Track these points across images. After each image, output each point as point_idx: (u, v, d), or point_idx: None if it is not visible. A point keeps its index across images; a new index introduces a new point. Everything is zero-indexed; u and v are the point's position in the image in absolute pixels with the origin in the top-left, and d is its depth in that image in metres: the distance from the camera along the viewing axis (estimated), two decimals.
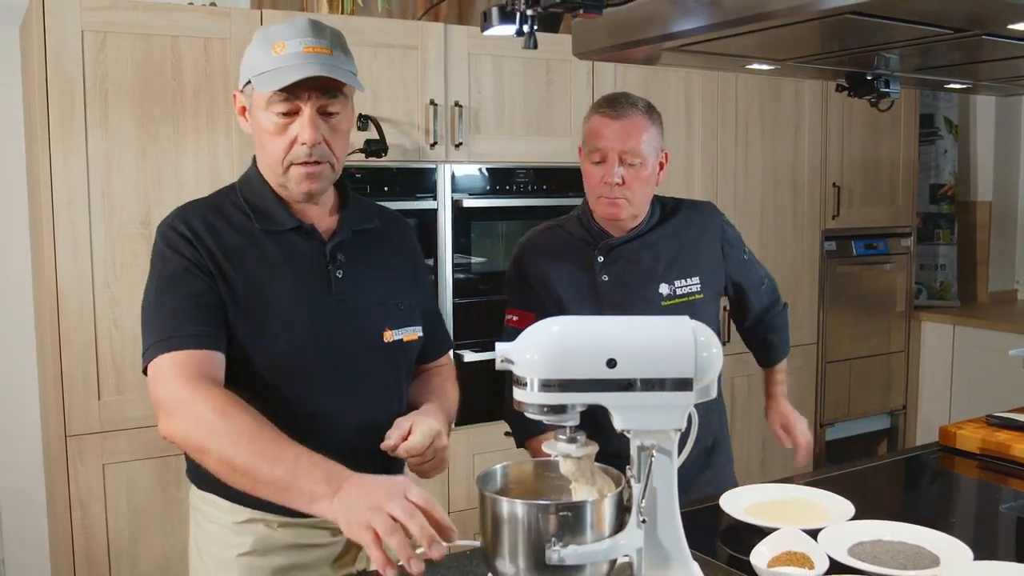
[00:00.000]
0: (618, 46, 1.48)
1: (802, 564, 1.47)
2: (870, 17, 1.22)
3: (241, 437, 1.39)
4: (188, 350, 1.47)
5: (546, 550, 1.27)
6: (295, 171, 1.56)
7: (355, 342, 1.63)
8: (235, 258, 1.57)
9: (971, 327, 4.30)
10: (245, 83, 1.58)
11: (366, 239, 1.70)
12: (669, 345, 1.34)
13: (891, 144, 4.34)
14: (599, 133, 2.02)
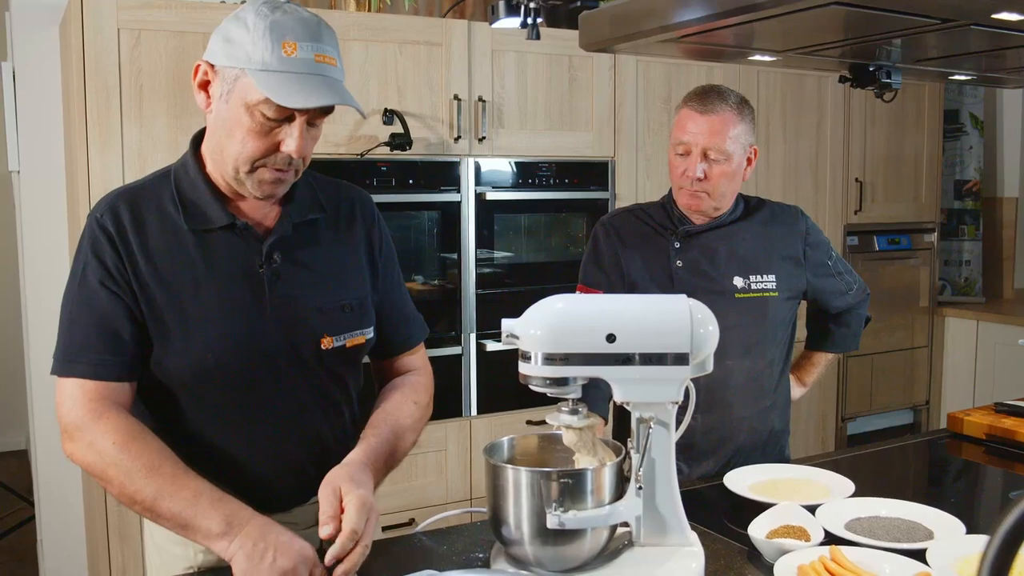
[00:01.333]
0: (621, 37, 1.53)
1: (799, 537, 1.52)
2: (855, 7, 1.27)
3: (140, 473, 1.36)
4: (83, 379, 1.43)
5: (547, 514, 1.34)
6: (264, 173, 1.44)
7: (290, 351, 1.52)
8: (158, 262, 1.47)
9: (995, 323, 4.30)
10: (231, 67, 1.39)
11: (310, 231, 1.57)
12: (666, 321, 1.40)
13: (915, 139, 4.35)
14: (685, 126, 2.03)
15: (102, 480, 1.41)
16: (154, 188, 1.52)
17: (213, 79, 1.43)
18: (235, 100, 1.40)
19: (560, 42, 3.38)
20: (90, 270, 1.45)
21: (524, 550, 1.40)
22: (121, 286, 1.45)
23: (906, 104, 4.27)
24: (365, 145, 3.05)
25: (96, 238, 1.46)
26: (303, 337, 1.53)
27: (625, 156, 3.57)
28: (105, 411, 1.41)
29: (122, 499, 1.40)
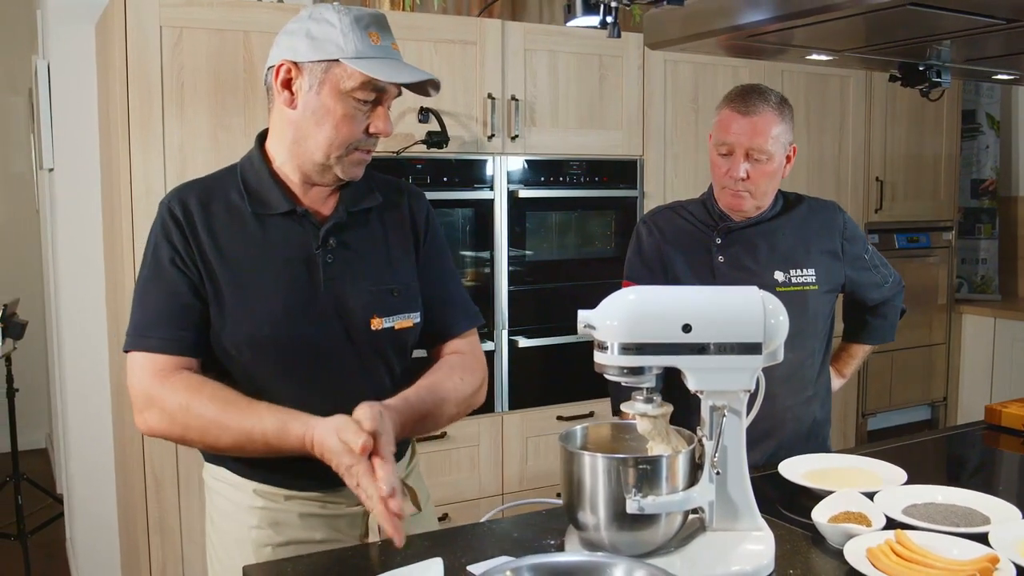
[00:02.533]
0: (690, 36, 1.58)
1: (860, 522, 1.56)
2: (927, 8, 1.31)
3: (211, 428, 1.47)
4: (153, 353, 1.51)
5: (626, 500, 1.38)
6: (355, 156, 1.56)
7: (341, 330, 1.60)
8: (223, 243, 1.56)
9: (1012, 320, 4.35)
10: (321, 59, 1.50)
11: (364, 219, 1.66)
12: (740, 311, 1.45)
13: (934, 139, 4.40)
14: (727, 127, 2.06)
15: (183, 439, 1.51)
16: (221, 180, 1.63)
17: (297, 76, 1.53)
18: (327, 90, 1.51)
19: (590, 41, 3.42)
20: (161, 252, 1.55)
21: (600, 535, 1.44)
22: (189, 265, 1.55)
23: (925, 104, 4.30)
24: (401, 143, 3.09)
25: (165, 223, 1.57)
26: (354, 316, 1.61)
27: (653, 154, 3.61)
28: (169, 378, 1.50)
29: (207, 449, 1.54)
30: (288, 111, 1.55)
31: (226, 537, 1.64)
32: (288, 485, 1.60)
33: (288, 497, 1.61)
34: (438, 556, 1.45)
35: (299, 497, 1.61)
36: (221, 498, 1.65)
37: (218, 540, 1.67)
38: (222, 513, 1.65)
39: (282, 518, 1.61)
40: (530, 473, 3.41)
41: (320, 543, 1.62)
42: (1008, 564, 1.37)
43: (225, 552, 1.65)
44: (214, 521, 1.68)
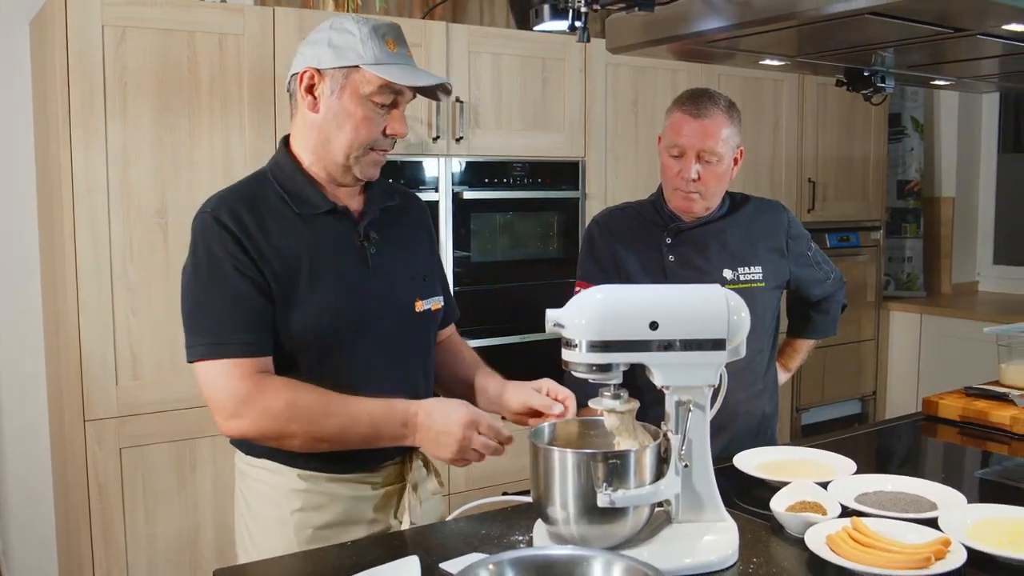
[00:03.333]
0: (651, 42, 1.62)
1: (816, 511, 1.62)
2: (884, 17, 1.37)
3: (317, 418, 1.59)
4: (237, 358, 1.59)
5: (598, 494, 1.41)
6: (372, 156, 1.69)
7: (393, 314, 1.75)
8: (278, 243, 1.64)
9: (937, 316, 4.52)
10: (342, 66, 1.62)
11: (390, 217, 1.81)
12: (704, 309, 1.49)
13: (862, 142, 4.55)
14: (679, 130, 2.12)
15: (281, 438, 1.61)
16: (253, 186, 1.72)
17: (319, 82, 1.65)
18: (348, 95, 1.64)
19: (533, 44, 3.46)
20: (220, 260, 1.61)
21: (570, 529, 1.47)
22: (252, 269, 1.62)
23: (854, 108, 4.47)
24: None
25: (217, 232, 1.62)
26: (402, 300, 1.77)
27: (595, 156, 3.67)
28: (263, 379, 1.60)
29: (305, 445, 1.62)
30: (311, 115, 1.67)
31: (265, 521, 1.73)
32: (330, 469, 1.70)
33: (330, 479, 1.71)
34: (410, 555, 1.47)
35: (341, 479, 1.72)
36: (261, 484, 1.73)
37: (255, 525, 1.75)
38: (261, 498, 1.73)
39: (324, 501, 1.71)
40: (476, 474, 3.42)
41: (359, 524, 1.73)
42: (959, 546, 1.44)
43: (263, 536, 1.73)
44: (251, 507, 1.75)
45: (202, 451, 2.92)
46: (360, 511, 1.74)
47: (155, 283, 2.83)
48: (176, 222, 2.83)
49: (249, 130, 2.93)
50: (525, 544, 1.56)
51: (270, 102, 2.96)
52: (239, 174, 2.86)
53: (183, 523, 2.92)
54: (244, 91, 2.92)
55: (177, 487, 2.90)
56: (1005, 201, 4.94)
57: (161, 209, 2.82)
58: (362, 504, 1.75)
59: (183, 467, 2.91)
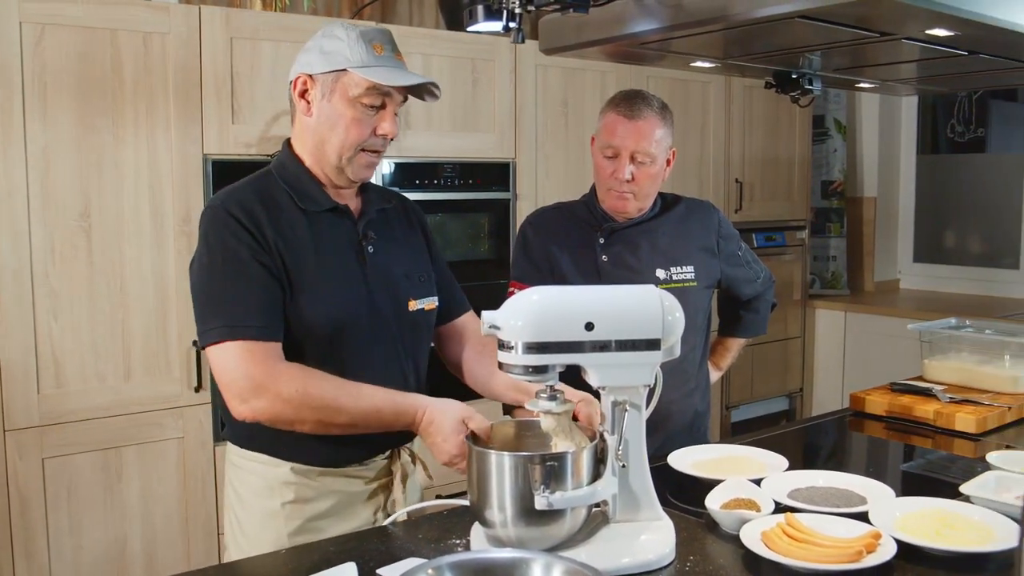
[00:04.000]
0: (585, 44, 1.62)
1: (750, 507, 1.64)
2: (815, 21, 1.40)
3: (331, 404, 1.64)
4: (252, 340, 1.62)
5: (535, 496, 1.41)
6: (364, 157, 1.74)
7: (389, 311, 1.80)
8: (287, 237, 1.70)
9: (860, 314, 4.63)
10: (332, 70, 1.68)
11: (386, 218, 1.88)
12: (639, 309, 1.50)
13: (788, 143, 4.64)
14: (613, 131, 2.13)
15: (293, 423, 1.65)
16: (259, 184, 1.77)
17: (311, 87, 1.72)
18: (337, 97, 1.70)
19: (463, 45, 3.45)
20: (236, 249, 1.66)
21: (508, 531, 1.46)
22: (268, 258, 1.67)
23: (779, 110, 4.55)
24: (276, 146, 3.00)
25: (228, 223, 1.67)
26: (397, 298, 1.83)
27: (525, 157, 3.67)
28: (277, 364, 1.64)
29: (317, 430, 1.67)
30: (306, 119, 1.74)
31: (257, 512, 1.77)
32: (322, 463, 1.76)
33: (322, 473, 1.76)
34: (347, 561, 1.45)
35: (332, 473, 1.77)
36: (254, 476, 1.77)
37: (246, 516, 1.79)
38: (254, 490, 1.77)
39: (314, 494, 1.76)
40: None
41: (349, 516, 1.78)
42: (888, 539, 1.47)
43: (254, 527, 1.77)
44: (243, 499, 1.79)
45: (128, 459, 2.85)
46: (350, 504, 1.79)
47: (78, 288, 2.75)
48: (100, 225, 2.76)
49: (175, 131, 2.87)
50: (463, 547, 1.55)
51: (197, 103, 2.90)
52: (166, 175, 2.85)
53: (109, 534, 2.84)
54: (170, 91, 2.85)
55: (103, 497, 2.83)
56: (924, 201, 5.09)
57: (84, 212, 2.74)
58: (352, 497, 1.79)
59: (109, 476, 2.83)
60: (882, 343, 4.49)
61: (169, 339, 2.90)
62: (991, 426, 2.25)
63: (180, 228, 2.89)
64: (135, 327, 2.85)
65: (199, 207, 2.90)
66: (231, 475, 1.84)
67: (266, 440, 1.74)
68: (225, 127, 2.95)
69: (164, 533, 2.93)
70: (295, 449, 1.74)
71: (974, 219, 4.92)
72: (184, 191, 2.89)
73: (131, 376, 2.85)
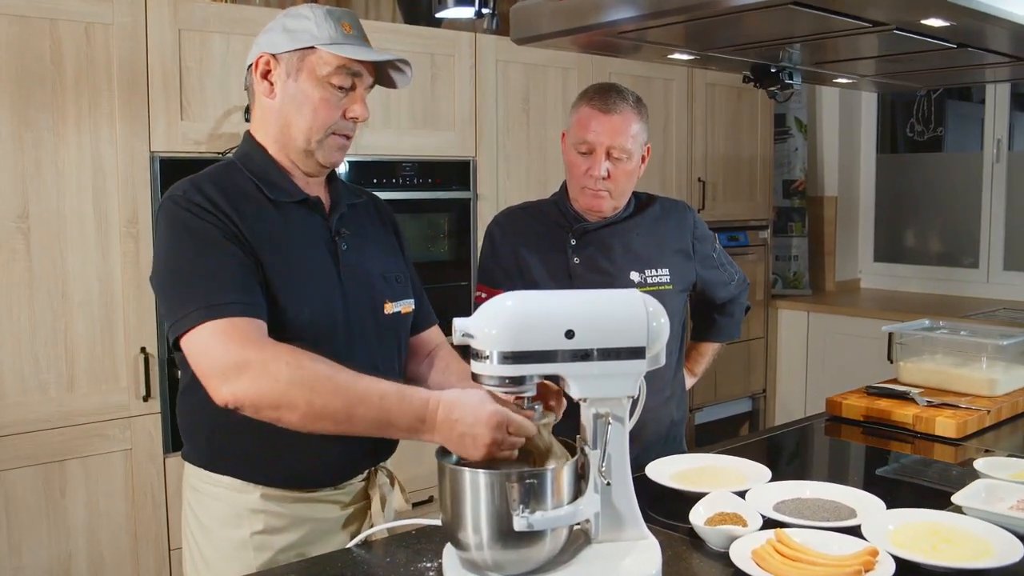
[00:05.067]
0: (558, 32, 1.53)
1: (735, 522, 1.56)
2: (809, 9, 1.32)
3: (323, 387, 1.42)
4: (236, 317, 1.45)
5: (514, 517, 1.31)
6: (334, 140, 1.61)
7: (364, 313, 1.66)
8: (256, 229, 1.55)
9: (823, 314, 4.60)
10: (297, 48, 1.56)
11: (358, 214, 1.75)
12: (623, 315, 1.41)
13: (750, 142, 4.59)
14: (588, 126, 2.02)
15: (279, 407, 1.42)
16: (221, 173, 1.62)
17: (275, 67, 1.59)
18: (304, 77, 1.58)
19: (422, 40, 3.34)
20: (204, 230, 1.50)
21: (484, 555, 1.36)
22: (234, 238, 1.52)
23: (741, 108, 4.50)
24: (228, 143, 2.90)
25: (193, 208, 1.52)
26: (372, 300, 1.69)
27: (485, 156, 3.57)
28: (265, 341, 1.46)
29: (306, 420, 1.42)
30: (268, 101, 1.61)
31: (222, 543, 1.62)
32: (295, 485, 1.61)
33: (295, 499, 1.62)
34: None
35: (305, 499, 1.63)
36: (219, 503, 1.62)
37: (210, 548, 1.63)
38: (218, 519, 1.62)
39: (286, 523, 1.62)
40: None
41: (323, 545, 1.63)
42: (886, 556, 1.40)
43: (219, 559, 1.62)
44: (206, 527, 1.64)
45: (73, 473, 2.70)
46: (325, 533, 1.65)
47: (17, 293, 2.59)
48: (40, 227, 2.60)
49: (120, 126, 2.72)
50: (434, 572, 1.45)
51: (143, 97, 2.75)
52: (110, 174, 2.70)
53: (52, 553, 2.68)
54: (114, 84, 2.70)
55: (45, 513, 2.67)
56: (883, 200, 5.08)
57: (23, 213, 2.58)
58: (327, 525, 1.66)
59: (52, 492, 2.68)
60: (845, 343, 4.46)
61: (116, 346, 2.75)
62: (971, 430, 2.20)
63: (126, 230, 2.75)
64: (79, 334, 2.70)
65: (146, 207, 2.77)
66: (191, 500, 1.67)
67: (232, 459, 1.60)
68: (173, 123, 2.81)
69: (111, 551, 2.78)
70: (265, 468, 1.59)
71: (934, 218, 4.92)
72: (130, 190, 2.75)
73: (75, 386, 2.70)
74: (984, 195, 4.60)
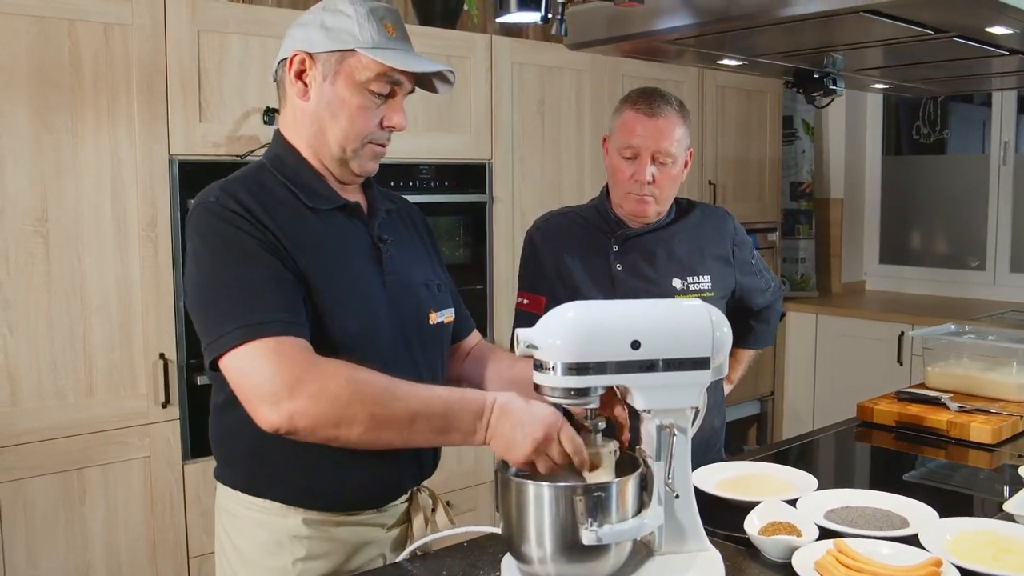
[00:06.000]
0: (614, 39, 1.52)
1: (790, 532, 1.55)
2: (877, 16, 1.30)
3: (383, 398, 1.38)
4: (279, 336, 1.37)
5: (582, 531, 1.29)
6: (370, 149, 1.54)
7: (408, 323, 1.59)
8: (292, 234, 1.47)
9: (831, 316, 4.60)
10: (336, 50, 1.48)
11: (395, 220, 1.68)
12: (689, 325, 1.39)
13: (759, 144, 4.59)
14: (633, 130, 2.00)
15: (339, 425, 1.36)
16: (253, 178, 1.54)
17: (310, 67, 1.50)
18: (342, 81, 1.49)
19: (438, 41, 3.32)
20: (240, 241, 1.43)
21: (547, 568, 1.34)
22: (280, 252, 1.44)
23: (751, 111, 4.50)
24: (246, 146, 2.87)
25: (226, 216, 1.44)
26: (417, 310, 1.62)
27: (501, 158, 3.55)
28: (315, 359, 1.39)
29: (367, 434, 1.38)
30: (302, 103, 1.53)
31: (260, 571, 1.55)
32: (338, 508, 1.55)
33: (337, 523, 1.56)
34: None
35: (348, 522, 1.57)
36: (259, 529, 1.55)
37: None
38: (258, 546, 1.55)
39: (329, 548, 1.55)
40: None
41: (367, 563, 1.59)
42: (949, 567, 1.39)
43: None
44: (245, 556, 1.57)
45: (91, 481, 2.66)
46: (367, 555, 1.60)
47: (36, 298, 2.55)
48: (59, 230, 2.57)
49: (139, 128, 2.68)
50: None
51: (162, 99, 2.72)
52: (129, 177, 2.67)
53: (71, 562, 2.65)
54: (133, 86, 2.67)
55: (64, 522, 2.63)
56: (889, 202, 5.09)
57: (42, 216, 2.55)
58: (370, 548, 1.61)
59: (71, 500, 2.64)
60: (852, 345, 4.46)
61: (134, 352, 2.72)
62: (1006, 435, 2.20)
63: (145, 234, 2.71)
64: (97, 340, 2.66)
65: (165, 211, 2.73)
66: (226, 524, 1.59)
67: (273, 481, 1.53)
68: (192, 125, 2.78)
69: (129, 559, 2.75)
70: (308, 490, 1.53)
71: (939, 220, 4.93)
72: (149, 194, 2.71)
73: (93, 392, 2.66)
74: (991, 197, 4.62)
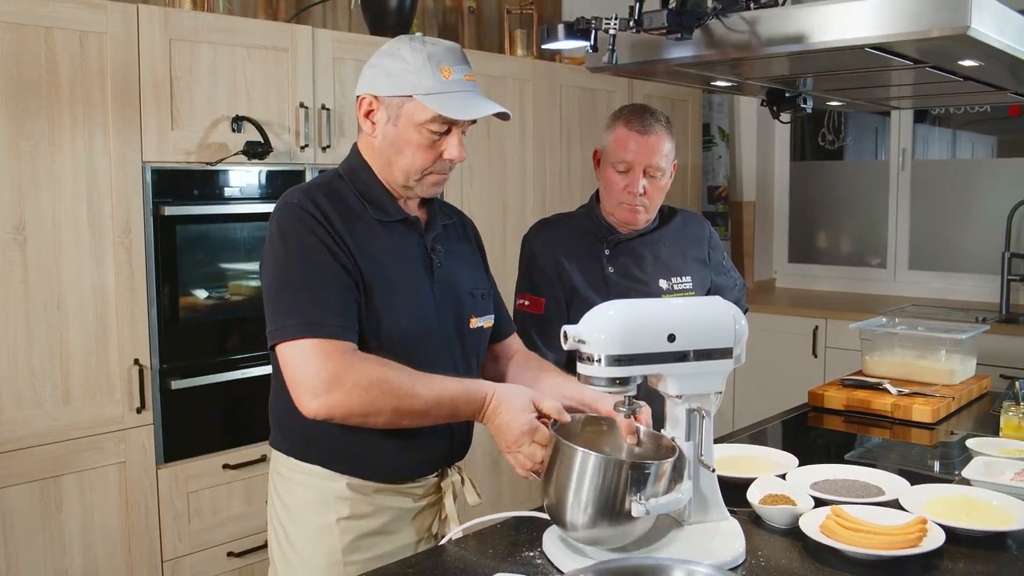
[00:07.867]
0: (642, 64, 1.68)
1: (787, 502, 1.74)
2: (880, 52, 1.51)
3: (406, 394, 1.60)
4: (332, 339, 1.60)
5: (632, 503, 1.45)
6: (432, 178, 1.74)
7: (453, 327, 1.80)
8: (359, 241, 1.68)
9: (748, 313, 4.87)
10: (397, 95, 1.66)
11: (450, 233, 1.88)
12: (715, 319, 1.58)
13: (681, 151, 4.80)
14: (626, 146, 2.19)
15: (369, 415, 1.60)
16: (330, 186, 1.75)
17: (377, 108, 1.71)
18: (403, 122, 1.68)
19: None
20: (311, 245, 1.64)
21: (586, 533, 1.49)
22: (343, 257, 1.65)
23: (675, 119, 4.72)
24: (216, 153, 2.93)
25: (303, 218, 1.65)
26: (460, 315, 1.82)
27: None
28: (352, 357, 1.61)
29: (390, 422, 1.63)
30: (371, 139, 1.73)
31: (308, 527, 1.75)
32: (379, 478, 1.75)
33: (377, 490, 1.76)
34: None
35: (386, 489, 1.77)
36: (306, 490, 1.76)
37: (297, 531, 1.77)
38: (305, 504, 1.76)
39: (369, 510, 1.75)
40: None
41: (400, 534, 1.79)
42: (933, 524, 1.61)
43: (305, 542, 1.76)
44: (293, 512, 1.78)
45: (68, 488, 2.68)
46: (402, 522, 1.80)
47: (13, 306, 2.56)
48: (37, 237, 2.58)
49: (114, 135, 2.71)
50: (539, 559, 1.57)
51: (136, 107, 2.75)
52: (104, 184, 2.71)
53: (49, 568, 2.65)
54: (108, 93, 2.69)
55: (42, 529, 2.64)
56: (796, 204, 5.42)
57: (19, 224, 2.55)
58: (404, 515, 1.80)
59: (48, 507, 2.65)
60: (766, 339, 4.74)
61: (110, 358, 2.74)
62: (942, 415, 2.47)
63: (119, 240, 2.74)
64: (74, 346, 2.67)
65: (139, 217, 2.77)
66: (278, 486, 1.81)
67: (323, 451, 1.74)
68: (164, 133, 2.82)
69: (106, 564, 2.76)
70: (354, 461, 1.74)
71: (843, 221, 5.28)
72: (124, 200, 2.74)
73: (70, 399, 2.68)
74: (891, 200, 4.99)
